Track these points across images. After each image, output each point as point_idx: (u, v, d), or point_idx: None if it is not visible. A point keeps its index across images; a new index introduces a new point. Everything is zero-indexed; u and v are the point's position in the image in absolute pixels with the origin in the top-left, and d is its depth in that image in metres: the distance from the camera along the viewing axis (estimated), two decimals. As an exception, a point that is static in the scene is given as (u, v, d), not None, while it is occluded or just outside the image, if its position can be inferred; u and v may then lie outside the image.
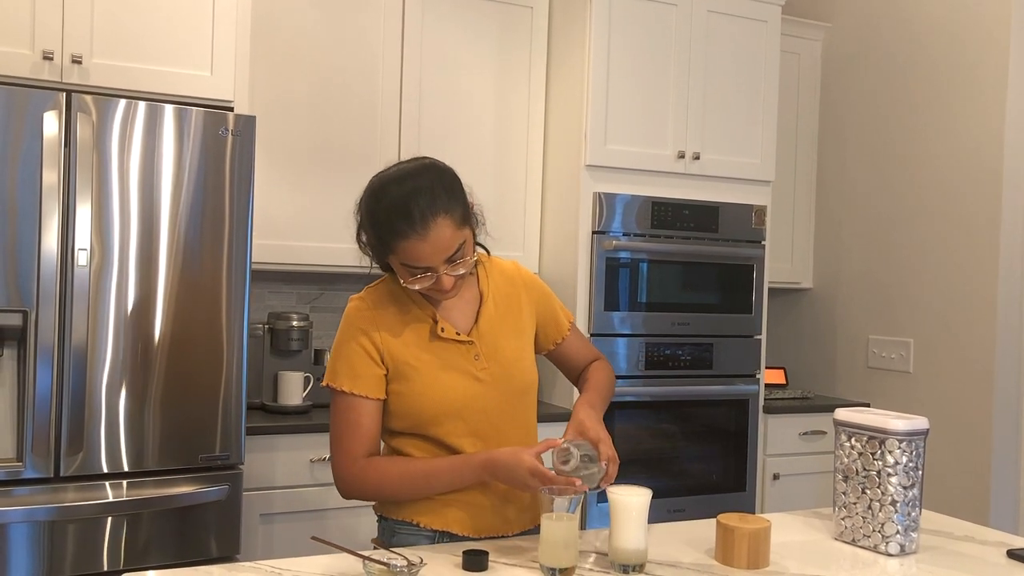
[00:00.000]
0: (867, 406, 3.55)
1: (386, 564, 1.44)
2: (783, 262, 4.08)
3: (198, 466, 2.57)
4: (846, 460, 1.82)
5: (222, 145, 2.58)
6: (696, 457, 3.53)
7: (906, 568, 1.69)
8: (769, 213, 3.67)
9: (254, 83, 3.04)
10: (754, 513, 2.80)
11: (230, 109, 2.72)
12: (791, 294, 4.30)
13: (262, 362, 3.16)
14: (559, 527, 1.52)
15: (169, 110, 2.52)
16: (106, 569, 2.44)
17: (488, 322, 1.80)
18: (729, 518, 1.67)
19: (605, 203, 3.34)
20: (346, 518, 2.90)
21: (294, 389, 3.10)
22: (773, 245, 3.92)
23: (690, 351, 3.50)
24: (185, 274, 2.54)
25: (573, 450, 1.61)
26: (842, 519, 1.83)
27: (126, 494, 2.47)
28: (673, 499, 3.46)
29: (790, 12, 4.08)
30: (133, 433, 2.48)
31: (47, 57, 2.51)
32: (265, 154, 3.09)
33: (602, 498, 3.21)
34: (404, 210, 1.62)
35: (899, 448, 1.73)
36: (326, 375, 1.76)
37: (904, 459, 1.73)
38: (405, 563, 1.44)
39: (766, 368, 3.78)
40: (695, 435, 3.53)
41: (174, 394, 2.53)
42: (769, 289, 3.73)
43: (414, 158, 1.76)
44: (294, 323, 3.18)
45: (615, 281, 3.36)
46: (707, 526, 1.85)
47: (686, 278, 3.49)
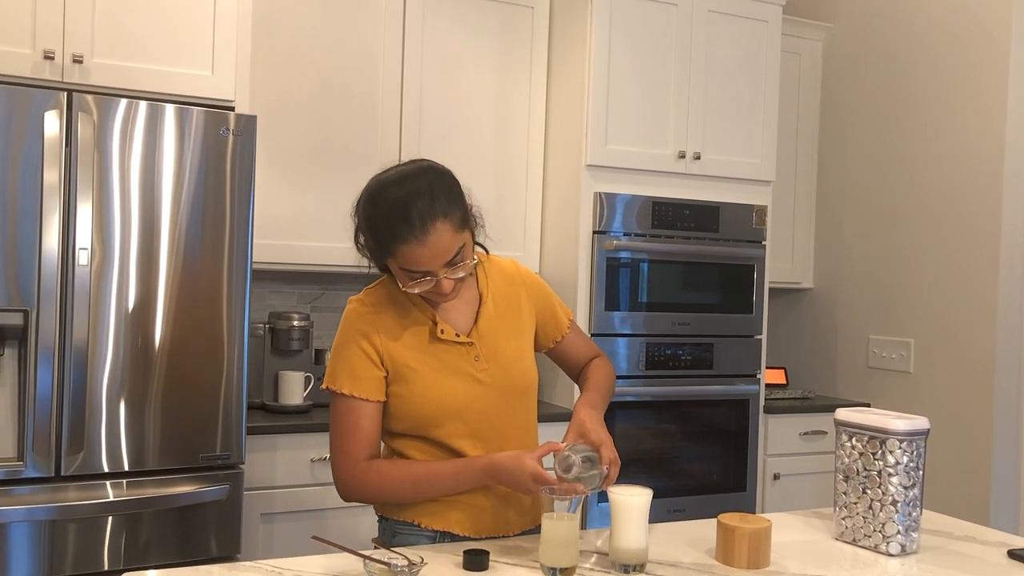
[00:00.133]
0: (868, 406, 3.55)
1: (387, 564, 1.44)
2: (784, 262, 4.08)
3: (199, 466, 2.57)
4: (847, 460, 1.82)
5: (223, 145, 2.59)
6: (697, 457, 3.53)
7: (907, 568, 1.69)
8: (770, 213, 3.67)
9: (255, 83, 3.04)
10: (754, 513, 2.80)
11: (231, 109, 2.72)
12: (792, 294, 4.30)
13: (263, 362, 3.16)
14: (560, 527, 1.52)
15: (170, 110, 2.52)
16: (107, 568, 2.44)
17: (488, 323, 1.80)
18: (730, 518, 1.67)
19: (606, 203, 3.34)
20: (347, 518, 2.90)
21: (295, 389, 3.10)
22: (774, 245, 3.92)
23: (691, 351, 3.50)
24: (186, 274, 2.54)
25: (575, 458, 1.61)
26: (843, 519, 1.83)
27: (127, 493, 2.47)
28: (674, 499, 3.46)
29: (791, 12, 4.07)
30: (134, 433, 2.48)
31: (48, 57, 2.51)
32: (266, 154, 3.09)
33: (603, 498, 3.21)
34: (403, 214, 1.60)
35: (900, 448, 1.73)
36: (326, 377, 1.75)
37: (905, 459, 1.73)
38: (406, 563, 1.44)
39: (767, 368, 3.78)
40: (696, 435, 3.53)
41: (175, 394, 2.53)
42: (770, 289, 3.73)
43: (412, 160, 1.74)
44: (295, 323, 3.18)
45: (616, 281, 3.36)
46: (708, 526, 1.85)
47: (687, 278, 3.49)
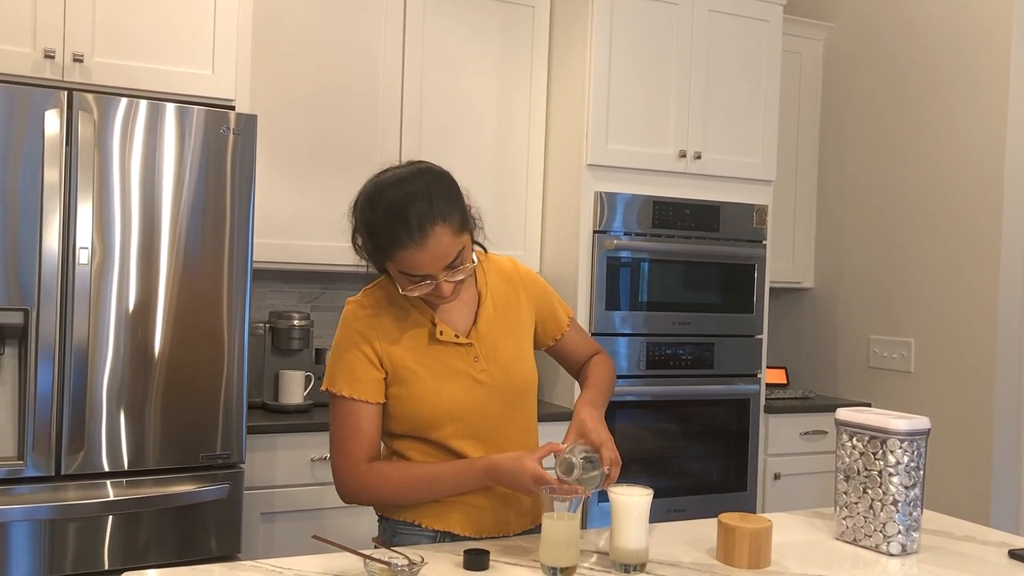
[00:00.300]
0: (868, 406, 3.55)
1: (387, 563, 1.44)
2: (784, 262, 4.08)
3: (199, 465, 2.56)
4: (847, 460, 1.81)
5: (223, 144, 2.58)
6: (697, 457, 3.53)
7: (907, 568, 1.69)
8: (770, 213, 3.67)
9: (255, 82, 3.03)
10: (755, 513, 2.80)
11: (231, 108, 2.72)
12: (792, 294, 4.30)
13: (263, 361, 3.16)
14: (560, 526, 1.52)
15: (170, 109, 2.52)
16: (107, 568, 2.44)
17: (487, 323, 1.79)
18: (730, 518, 1.66)
19: (606, 202, 3.34)
20: (347, 517, 2.90)
21: (295, 388, 3.10)
22: (774, 245, 3.92)
23: (691, 351, 3.50)
24: (186, 273, 2.54)
25: (576, 460, 1.60)
26: (843, 519, 1.83)
27: (127, 493, 2.46)
28: (674, 499, 3.46)
29: (791, 12, 4.07)
30: (134, 432, 2.48)
31: (48, 56, 2.51)
32: (266, 153, 3.09)
33: (603, 498, 3.21)
34: (401, 219, 1.58)
35: (900, 448, 1.73)
36: (325, 379, 1.74)
37: (905, 459, 1.73)
38: (406, 562, 1.44)
39: (767, 368, 3.77)
40: (696, 435, 3.52)
41: (175, 393, 2.53)
42: (770, 289, 3.73)
43: (409, 162, 1.71)
44: (295, 322, 3.18)
45: (616, 280, 3.36)
46: (708, 526, 1.85)
47: (687, 278, 3.49)
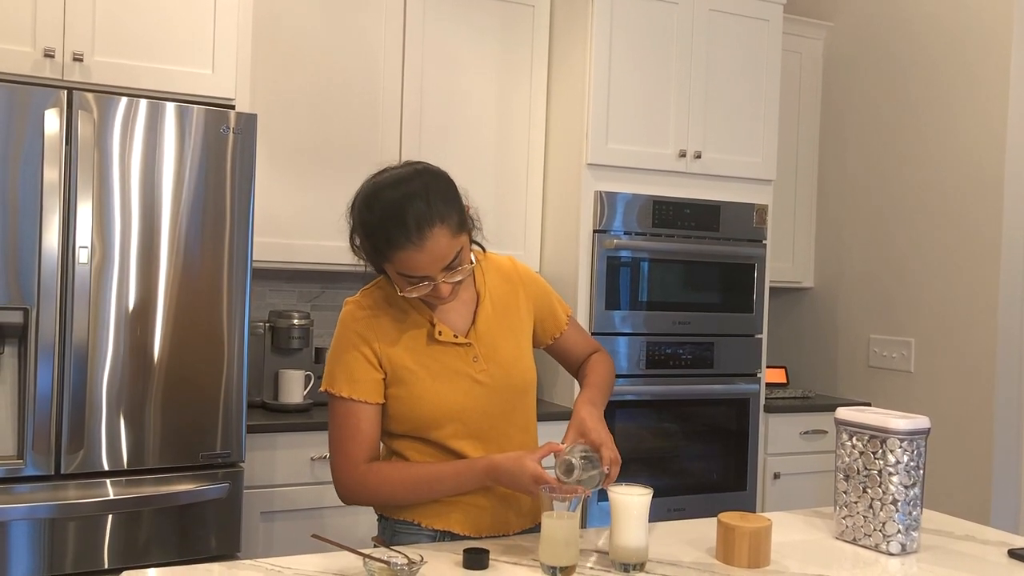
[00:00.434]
0: (868, 405, 3.54)
1: (386, 562, 1.44)
2: (784, 261, 4.08)
3: (199, 464, 2.56)
4: (847, 459, 1.81)
5: (223, 143, 2.58)
6: (697, 456, 3.53)
7: (907, 567, 1.69)
8: (770, 212, 3.67)
9: (255, 81, 3.03)
10: (755, 512, 2.79)
11: (231, 107, 2.72)
12: (792, 293, 4.29)
13: (263, 360, 3.16)
14: (560, 526, 1.52)
15: (170, 108, 2.52)
16: (107, 567, 2.44)
17: (486, 323, 1.79)
18: (730, 517, 1.66)
19: (606, 202, 3.34)
20: (346, 516, 2.90)
21: (295, 387, 3.10)
22: (774, 244, 3.92)
23: (691, 350, 3.50)
24: (186, 272, 2.54)
25: (575, 461, 1.61)
26: (843, 518, 1.83)
27: (126, 492, 2.46)
28: (674, 498, 3.46)
29: (792, 11, 4.07)
30: (134, 431, 2.48)
31: (48, 55, 2.51)
32: (266, 152, 3.09)
33: (603, 497, 3.21)
34: (399, 220, 1.57)
35: (900, 447, 1.73)
36: (324, 380, 1.74)
37: (905, 458, 1.73)
38: (406, 561, 1.44)
39: (767, 367, 3.77)
40: (696, 434, 3.52)
41: (175, 392, 2.53)
42: (770, 288, 3.73)
43: (407, 162, 1.70)
44: (295, 321, 3.18)
45: (616, 280, 3.36)
46: (708, 525, 1.85)
47: (687, 277, 3.49)
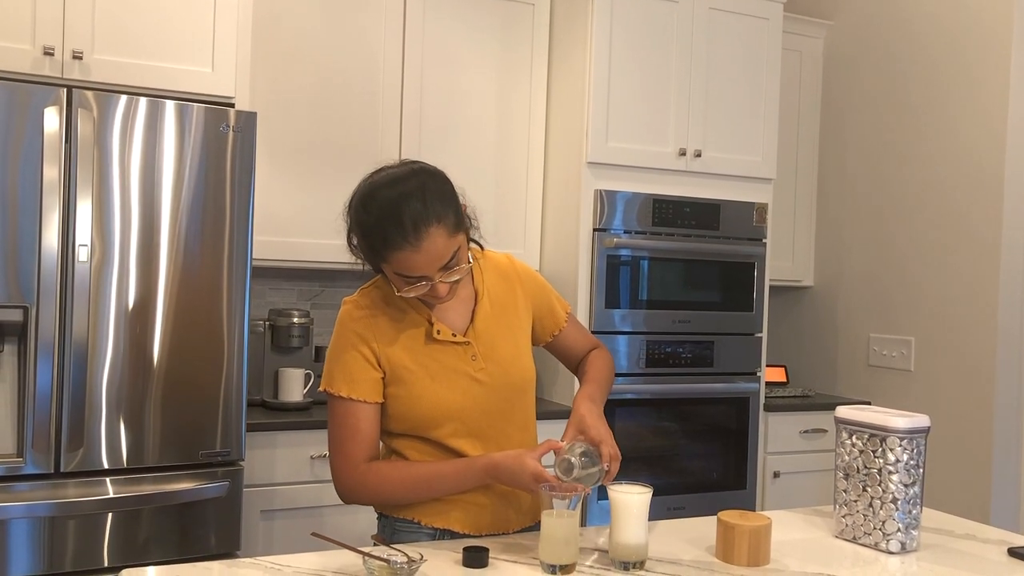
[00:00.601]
0: (868, 404, 3.54)
1: (386, 560, 1.44)
2: (784, 260, 4.08)
3: (198, 462, 2.56)
4: (847, 458, 1.81)
5: (223, 141, 2.58)
6: (697, 455, 3.53)
7: (907, 566, 1.69)
8: (770, 211, 3.66)
9: (255, 80, 3.03)
10: (754, 511, 2.79)
11: (231, 105, 2.72)
12: (792, 292, 4.29)
13: (263, 359, 3.16)
14: (559, 524, 1.52)
15: (170, 106, 2.52)
16: (106, 565, 2.44)
17: (484, 321, 1.78)
18: (730, 515, 1.66)
19: (606, 200, 3.34)
20: (346, 514, 2.90)
21: (294, 386, 3.10)
22: (774, 243, 3.92)
23: (691, 349, 3.50)
24: (186, 270, 2.54)
25: (574, 460, 1.61)
26: (843, 517, 1.83)
27: (126, 490, 2.46)
28: (673, 497, 3.46)
29: (792, 10, 4.07)
30: (133, 429, 2.48)
31: (48, 53, 2.51)
32: (266, 151, 3.09)
33: (603, 495, 3.21)
34: (395, 220, 1.57)
35: (900, 446, 1.73)
36: (323, 380, 1.74)
37: (905, 457, 1.73)
38: (405, 559, 1.44)
39: (767, 366, 3.77)
40: (696, 433, 3.52)
41: (174, 390, 2.53)
42: (770, 287, 3.73)
43: (403, 162, 1.70)
44: (295, 320, 3.18)
45: (616, 279, 3.36)
46: (707, 523, 1.85)
47: (687, 276, 3.49)
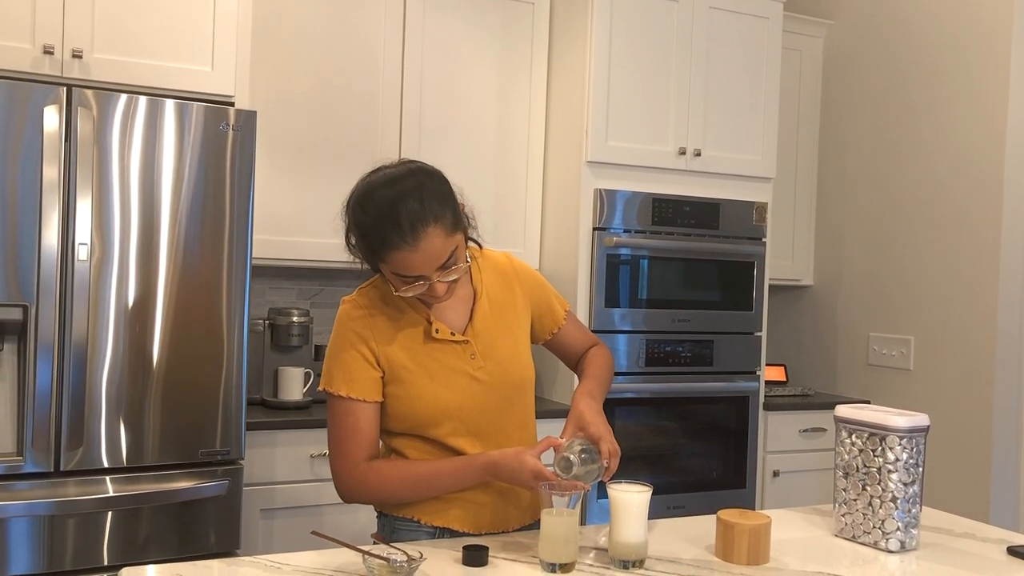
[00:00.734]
0: (867, 403, 3.55)
1: (386, 559, 1.44)
2: (784, 259, 4.08)
3: (198, 461, 2.57)
4: (847, 457, 1.81)
5: (223, 140, 2.58)
6: (696, 454, 3.53)
7: (906, 565, 1.69)
8: (770, 210, 3.67)
9: (255, 78, 3.03)
10: (754, 510, 2.80)
11: (231, 104, 2.72)
12: (792, 291, 4.30)
13: (262, 357, 3.16)
14: (559, 522, 1.52)
15: (170, 105, 2.52)
16: (106, 563, 2.44)
17: (483, 320, 1.78)
18: (729, 514, 1.66)
19: (606, 199, 3.34)
20: (346, 513, 2.90)
21: (294, 384, 3.10)
22: (774, 242, 3.92)
23: (691, 348, 3.50)
24: (185, 269, 2.54)
25: (573, 458, 1.61)
26: (842, 516, 1.83)
27: (126, 489, 2.46)
28: (673, 495, 3.46)
29: (792, 9, 4.07)
30: (133, 428, 2.48)
31: (48, 51, 2.51)
32: (266, 150, 3.09)
33: (602, 493, 3.21)
34: (393, 220, 1.57)
35: (900, 445, 1.73)
36: (322, 379, 1.74)
37: (905, 456, 1.73)
38: (405, 558, 1.44)
39: (766, 365, 3.77)
40: (695, 432, 3.53)
41: (174, 389, 2.53)
42: (770, 286, 3.73)
43: (400, 161, 1.70)
44: (294, 318, 3.18)
45: (616, 278, 3.36)
46: (707, 522, 1.85)
47: (687, 275, 3.49)
